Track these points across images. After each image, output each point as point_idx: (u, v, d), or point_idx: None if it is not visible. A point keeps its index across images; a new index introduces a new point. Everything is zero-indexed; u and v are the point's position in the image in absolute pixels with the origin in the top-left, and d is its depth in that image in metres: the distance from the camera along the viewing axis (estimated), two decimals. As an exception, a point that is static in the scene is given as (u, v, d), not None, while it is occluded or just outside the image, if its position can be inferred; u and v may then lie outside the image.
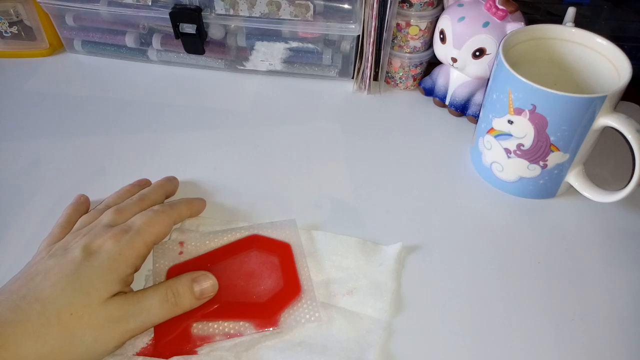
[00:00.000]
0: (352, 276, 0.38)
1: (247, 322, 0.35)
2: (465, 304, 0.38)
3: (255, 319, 0.35)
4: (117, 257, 0.33)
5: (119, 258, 0.33)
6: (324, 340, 0.34)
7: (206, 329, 0.34)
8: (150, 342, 0.34)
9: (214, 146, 0.50)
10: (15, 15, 0.57)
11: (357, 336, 0.35)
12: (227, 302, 0.36)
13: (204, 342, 0.34)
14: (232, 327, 0.34)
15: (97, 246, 0.33)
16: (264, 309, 0.35)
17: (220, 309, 0.35)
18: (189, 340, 0.34)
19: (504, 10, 0.46)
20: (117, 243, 0.34)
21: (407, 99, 0.56)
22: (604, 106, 0.38)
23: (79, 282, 0.31)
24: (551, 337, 0.36)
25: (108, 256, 0.33)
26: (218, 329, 0.34)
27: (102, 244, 0.33)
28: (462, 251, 0.41)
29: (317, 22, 0.52)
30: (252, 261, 0.38)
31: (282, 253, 0.38)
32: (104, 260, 0.33)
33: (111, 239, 0.34)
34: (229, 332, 0.34)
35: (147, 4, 0.53)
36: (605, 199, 0.42)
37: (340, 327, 0.35)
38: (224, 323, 0.35)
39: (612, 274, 0.40)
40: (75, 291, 0.31)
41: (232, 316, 0.35)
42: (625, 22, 0.54)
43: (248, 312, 0.35)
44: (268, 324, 0.35)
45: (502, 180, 0.46)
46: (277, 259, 0.38)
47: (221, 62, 0.58)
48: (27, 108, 0.54)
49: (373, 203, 0.45)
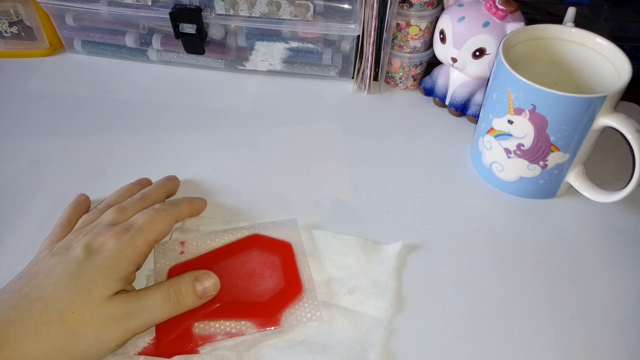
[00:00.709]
0: (353, 275, 0.38)
1: (249, 322, 0.35)
2: (465, 304, 0.38)
3: (257, 318, 0.35)
4: (119, 255, 0.33)
5: (121, 256, 0.33)
6: (326, 339, 0.35)
7: (207, 329, 0.34)
8: (152, 342, 0.34)
9: (214, 146, 0.50)
10: (15, 15, 0.57)
11: (358, 335, 0.35)
12: (228, 301, 0.36)
13: (205, 342, 0.34)
14: (233, 327, 0.35)
15: (99, 244, 0.33)
16: (265, 308, 0.35)
17: (222, 308, 0.35)
18: (190, 340, 0.34)
19: (504, 10, 0.46)
20: (119, 241, 0.34)
21: (407, 99, 0.56)
22: (604, 106, 0.38)
23: (81, 280, 0.31)
24: (551, 337, 0.36)
25: (110, 254, 0.33)
26: (219, 328, 0.34)
27: (103, 242, 0.34)
28: (462, 251, 0.41)
29: (317, 22, 0.52)
30: (253, 261, 0.38)
31: (283, 252, 0.39)
32: (106, 258, 0.33)
33: (113, 237, 0.34)
34: (230, 332, 0.34)
35: (147, 4, 0.53)
36: (605, 199, 0.42)
37: (341, 326, 0.35)
38: (226, 322, 0.35)
39: (612, 274, 0.40)
40: (77, 289, 0.31)
41: (234, 315, 0.35)
42: (625, 22, 0.54)
43: (249, 311, 0.35)
44: (269, 323, 0.35)
45: (502, 180, 0.46)
46: (278, 258, 0.38)
47: (221, 62, 0.58)
48: (27, 108, 0.54)
49: (373, 203, 0.45)
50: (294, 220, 0.41)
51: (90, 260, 0.32)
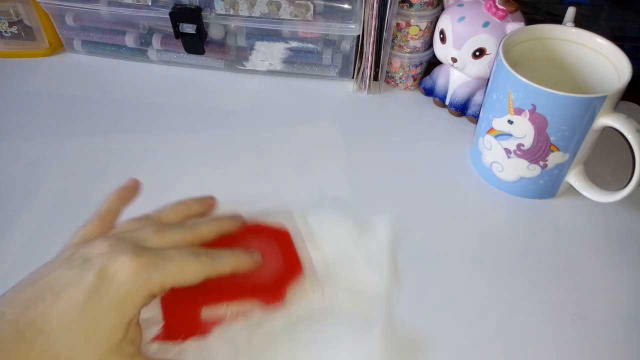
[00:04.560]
0: (350, 253, 0.40)
1: (254, 302, 0.36)
2: (465, 304, 0.38)
3: (262, 298, 0.36)
4: (127, 297, 0.29)
5: (128, 299, 0.30)
6: (329, 315, 0.36)
7: (215, 312, 0.35)
8: (161, 331, 0.34)
9: (214, 146, 0.50)
10: (15, 15, 0.57)
11: (360, 310, 0.36)
12: (232, 284, 0.36)
13: (214, 325, 0.35)
14: (240, 308, 0.35)
15: (114, 271, 0.30)
16: (269, 288, 0.36)
17: (227, 292, 0.36)
18: (199, 325, 0.35)
19: (504, 10, 0.46)
20: (133, 277, 0.29)
21: (407, 99, 0.56)
22: (604, 106, 0.38)
23: (85, 323, 0.29)
24: (551, 337, 0.36)
25: (117, 293, 0.29)
26: (227, 311, 0.35)
27: (119, 270, 0.30)
28: (462, 251, 0.41)
29: (317, 22, 0.52)
30: (252, 246, 0.39)
31: (280, 237, 0.40)
32: (113, 298, 0.29)
33: (129, 270, 0.30)
34: (237, 313, 0.35)
35: (147, 4, 0.53)
36: (605, 199, 0.42)
37: (342, 303, 0.37)
38: (232, 304, 0.36)
39: (612, 274, 0.40)
40: (79, 335, 0.29)
41: (239, 297, 0.36)
42: (625, 22, 0.54)
43: (254, 292, 0.36)
44: (274, 302, 0.36)
45: (502, 180, 0.46)
46: (275, 242, 0.39)
47: (221, 62, 0.58)
48: (27, 108, 0.54)
49: (373, 203, 0.45)
50: (288, 209, 0.42)
51: (98, 293, 0.29)
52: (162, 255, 0.31)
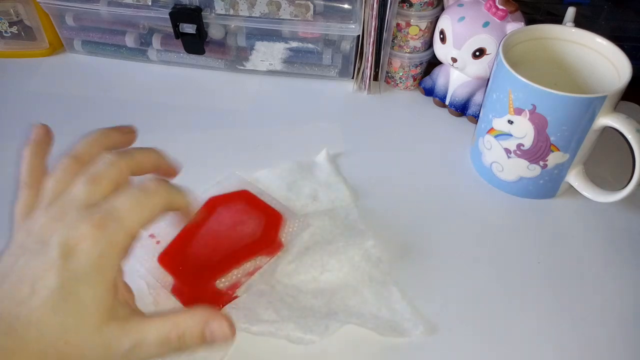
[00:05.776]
0: (308, 188, 0.44)
1: (259, 256, 0.39)
2: (465, 304, 0.38)
3: (263, 250, 0.39)
4: (99, 262, 0.28)
5: (101, 263, 0.28)
6: (321, 238, 0.40)
7: (230, 279, 0.37)
8: None
9: (213, 146, 0.50)
10: (15, 15, 0.57)
11: (341, 223, 0.42)
12: (231, 251, 0.38)
13: (235, 289, 0.37)
14: (249, 266, 0.38)
15: (74, 244, 0.28)
16: (264, 240, 0.39)
17: (229, 259, 0.38)
18: (221, 295, 0.37)
19: (504, 10, 0.46)
20: (97, 244, 0.28)
21: (407, 99, 0.56)
22: (604, 106, 0.38)
23: (69, 302, 0.28)
24: (551, 337, 0.36)
25: (89, 262, 0.28)
26: (239, 272, 0.38)
27: (78, 241, 0.28)
28: (462, 251, 0.41)
29: (317, 22, 0.52)
30: (226, 215, 0.41)
31: (245, 198, 0.42)
32: (86, 266, 0.28)
33: (90, 237, 0.28)
34: (249, 270, 0.38)
35: (147, 4, 0.53)
36: (605, 199, 0.42)
37: (324, 225, 0.41)
38: (241, 266, 0.38)
39: (612, 274, 0.40)
40: (68, 315, 0.28)
41: (243, 259, 0.38)
42: (625, 22, 0.54)
43: (254, 249, 0.39)
44: (276, 249, 0.39)
45: (502, 180, 0.46)
46: (243, 204, 0.41)
47: (221, 62, 0.58)
48: (27, 108, 0.54)
49: (373, 203, 0.45)
50: (235, 174, 0.45)
51: (69, 270, 0.28)
52: (111, 207, 0.29)
